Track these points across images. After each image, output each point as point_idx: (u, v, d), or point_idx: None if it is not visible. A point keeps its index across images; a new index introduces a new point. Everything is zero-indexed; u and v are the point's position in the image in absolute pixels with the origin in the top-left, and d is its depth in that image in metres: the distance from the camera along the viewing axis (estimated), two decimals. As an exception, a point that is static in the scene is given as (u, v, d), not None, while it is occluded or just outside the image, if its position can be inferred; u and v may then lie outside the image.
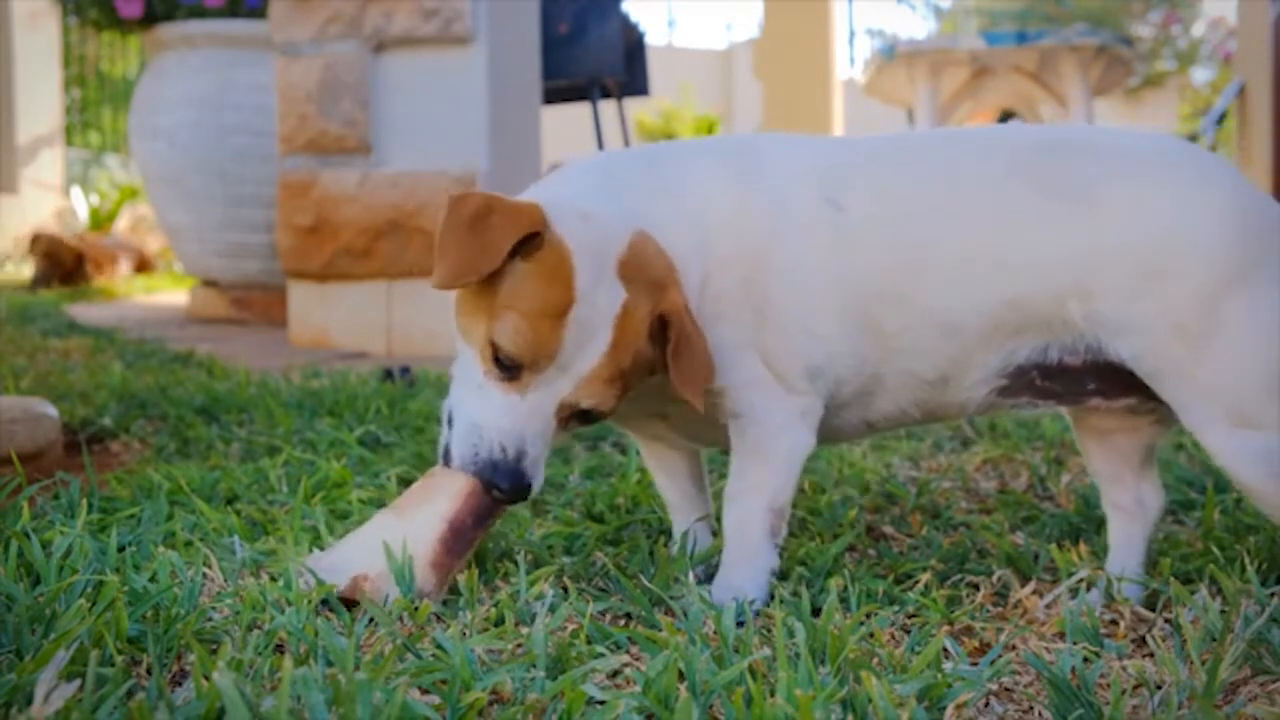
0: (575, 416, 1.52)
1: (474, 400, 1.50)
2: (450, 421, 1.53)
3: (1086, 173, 1.54)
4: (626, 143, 7.46)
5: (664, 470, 1.85)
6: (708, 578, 1.67)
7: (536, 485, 1.50)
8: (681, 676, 1.24)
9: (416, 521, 1.51)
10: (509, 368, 1.46)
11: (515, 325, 1.44)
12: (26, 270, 9.34)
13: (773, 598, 1.54)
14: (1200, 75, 15.86)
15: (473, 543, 1.52)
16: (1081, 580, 1.60)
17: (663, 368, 1.52)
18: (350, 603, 1.48)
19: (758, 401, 1.61)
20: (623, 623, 1.49)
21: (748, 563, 1.60)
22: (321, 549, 1.65)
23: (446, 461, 1.52)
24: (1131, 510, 1.71)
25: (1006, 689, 1.29)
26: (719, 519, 1.76)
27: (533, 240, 1.45)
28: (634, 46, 6.93)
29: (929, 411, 1.67)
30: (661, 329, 1.50)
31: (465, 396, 1.51)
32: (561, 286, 1.44)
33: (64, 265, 8.00)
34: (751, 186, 1.61)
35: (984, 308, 1.55)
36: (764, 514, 1.60)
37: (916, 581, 1.64)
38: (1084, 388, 1.59)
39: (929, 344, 1.58)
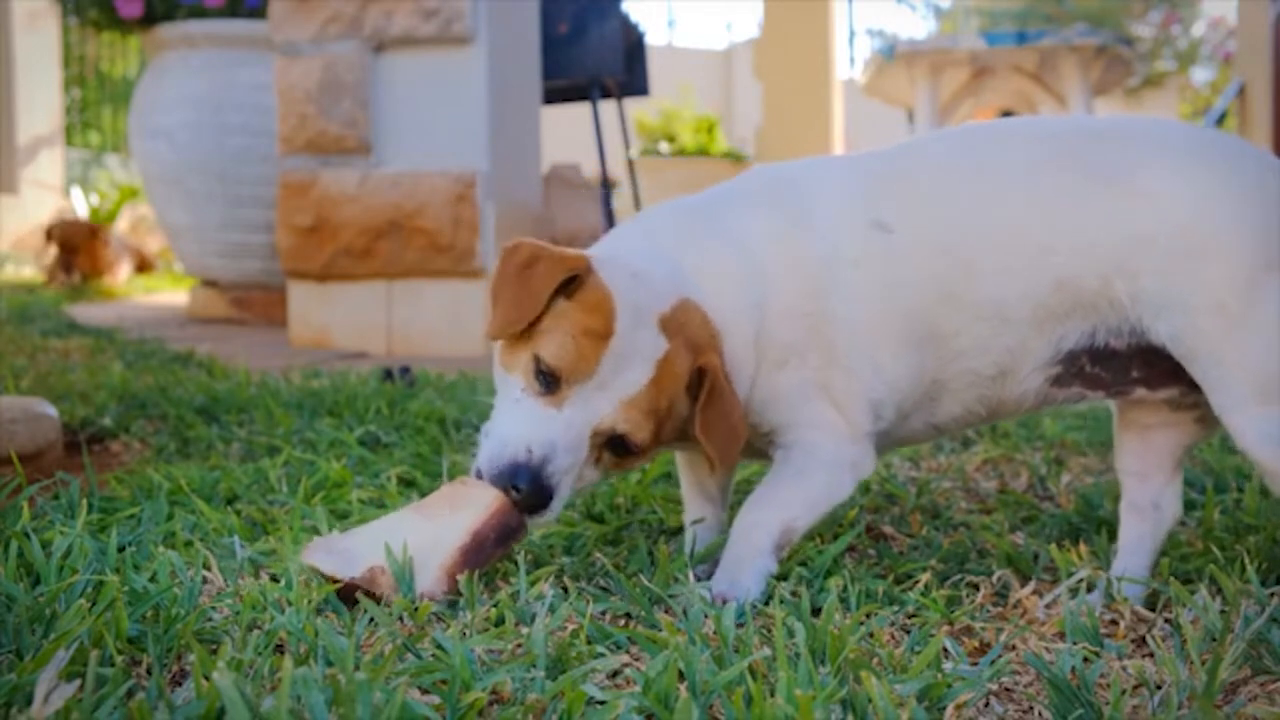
0: (609, 446, 1.54)
1: (509, 411, 1.54)
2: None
3: (1128, 157, 1.58)
4: (626, 143, 7.46)
5: (693, 471, 1.86)
6: (708, 577, 1.67)
7: (559, 498, 1.51)
8: (681, 676, 1.24)
9: (440, 525, 1.52)
10: (548, 380, 1.50)
11: (559, 339, 1.50)
12: (29, 270, 9.34)
13: (772, 598, 1.54)
14: (1200, 75, 15.86)
15: (491, 560, 1.52)
16: (1081, 580, 1.60)
17: (691, 424, 1.56)
18: (351, 600, 1.48)
19: (814, 439, 1.65)
20: (623, 623, 1.49)
21: (749, 561, 1.60)
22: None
23: (478, 476, 1.53)
24: (1147, 512, 1.72)
25: (1006, 689, 1.29)
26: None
27: (575, 282, 1.52)
28: (634, 46, 6.93)
29: (993, 409, 1.71)
30: (699, 383, 1.55)
31: (501, 411, 1.56)
32: (602, 318, 1.51)
33: (77, 247, 7.94)
34: (802, 236, 1.64)
35: (1033, 292, 1.59)
36: (777, 527, 1.62)
37: (916, 581, 1.64)
38: (1128, 376, 1.62)
39: (986, 339, 1.62)
